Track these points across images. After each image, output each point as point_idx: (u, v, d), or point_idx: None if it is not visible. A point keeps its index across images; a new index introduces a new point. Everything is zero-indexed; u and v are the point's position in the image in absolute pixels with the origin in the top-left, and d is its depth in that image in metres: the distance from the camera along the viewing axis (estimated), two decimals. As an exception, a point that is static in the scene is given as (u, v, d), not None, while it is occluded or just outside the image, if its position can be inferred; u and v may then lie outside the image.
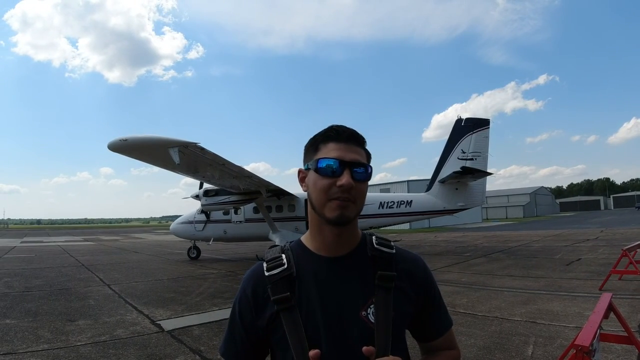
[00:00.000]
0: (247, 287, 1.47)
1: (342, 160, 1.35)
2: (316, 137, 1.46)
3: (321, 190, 1.37)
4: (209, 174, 14.73)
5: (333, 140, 1.40)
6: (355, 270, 1.43)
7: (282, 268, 1.42)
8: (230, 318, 1.53)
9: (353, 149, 1.40)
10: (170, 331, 7.06)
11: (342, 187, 1.33)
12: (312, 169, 1.41)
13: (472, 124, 20.27)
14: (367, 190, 1.43)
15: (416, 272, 1.50)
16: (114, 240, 43.58)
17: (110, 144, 11.57)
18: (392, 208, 19.92)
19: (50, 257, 22.39)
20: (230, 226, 20.07)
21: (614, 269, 9.74)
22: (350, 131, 1.43)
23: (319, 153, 1.41)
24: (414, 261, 1.53)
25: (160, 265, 18.09)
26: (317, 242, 1.47)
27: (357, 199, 1.37)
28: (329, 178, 1.35)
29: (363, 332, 1.34)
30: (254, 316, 1.44)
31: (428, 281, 1.53)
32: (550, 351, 5.36)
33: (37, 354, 5.85)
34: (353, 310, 1.37)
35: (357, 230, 1.51)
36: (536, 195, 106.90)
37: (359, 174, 1.36)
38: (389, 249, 1.47)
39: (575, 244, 20.83)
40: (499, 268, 13.61)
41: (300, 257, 1.46)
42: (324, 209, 1.37)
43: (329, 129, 1.43)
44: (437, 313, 1.56)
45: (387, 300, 1.38)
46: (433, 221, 47.19)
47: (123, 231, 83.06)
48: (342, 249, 1.45)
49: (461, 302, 8.58)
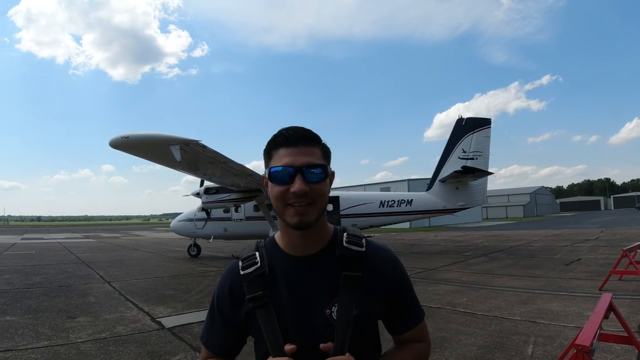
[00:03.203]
0: (224, 285, 1.55)
1: (292, 166, 1.36)
2: (268, 143, 1.46)
3: (277, 198, 1.39)
4: (210, 171, 14.75)
5: (283, 146, 1.40)
6: (322, 269, 1.46)
7: (255, 267, 1.48)
8: (209, 309, 1.62)
9: (305, 151, 1.39)
10: (170, 328, 7.06)
11: (295, 194, 1.34)
12: (267, 178, 1.43)
13: (473, 123, 20.25)
14: (328, 188, 1.45)
15: (385, 268, 1.52)
16: (115, 238, 43.58)
17: (111, 141, 11.59)
18: (393, 207, 19.93)
19: (51, 254, 22.41)
20: (230, 224, 20.07)
21: (614, 270, 9.74)
22: (300, 133, 1.42)
23: (272, 161, 1.42)
24: (383, 258, 1.54)
25: (160, 263, 18.10)
26: (286, 241, 1.51)
27: (317, 200, 1.39)
28: (284, 185, 1.37)
29: (327, 329, 1.38)
30: (232, 311, 1.52)
31: (397, 277, 1.54)
32: (550, 351, 5.36)
33: (37, 351, 5.86)
34: (319, 309, 1.41)
35: (326, 228, 1.54)
36: (536, 195, 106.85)
37: (315, 175, 1.38)
38: (358, 247, 1.49)
39: (575, 244, 20.82)
40: (499, 267, 13.60)
41: (272, 256, 1.51)
42: (284, 215, 1.41)
43: (277, 135, 1.43)
44: (407, 307, 1.58)
45: (350, 300, 1.41)
46: (433, 220, 47.11)
47: (123, 228, 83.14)
48: (309, 249, 1.48)
49: (461, 301, 8.58)
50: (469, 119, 20.51)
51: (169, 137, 11.54)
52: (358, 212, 19.81)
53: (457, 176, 19.23)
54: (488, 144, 20.21)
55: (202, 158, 13.15)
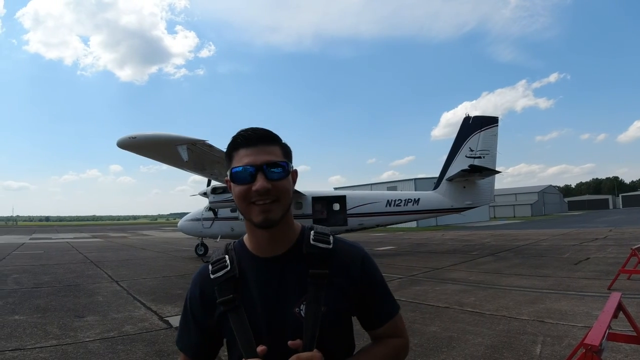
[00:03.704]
0: (195, 289, 1.56)
1: (253, 164, 1.38)
2: (228, 146, 1.48)
3: (239, 198, 1.41)
4: (217, 171, 14.81)
5: (242, 147, 1.42)
6: (290, 269, 1.47)
7: (225, 270, 1.48)
8: (183, 313, 1.62)
9: (264, 149, 1.41)
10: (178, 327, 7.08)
11: (257, 192, 1.36)
12: (229, 179, 1.44)
13: (481, 122, 20.14)
14: (291, 185, 1.46)
15: (352, 265, 1.52)
16: (122, 238, 43.88)
17: (119, 141, 11.66)
18: (400, 206, 19.88)
19: (59, 254, 22.59)
20: (237, 223, 20.09)
21: (623, 269, 9.64)
22: (258, 133, 1.44)
23: (232, 162, 1.44)
24: (351, 254, 1.54)
25: (168, 262, 18.18)
26: (253, 243, 1.52)
27: (280, 197, 1.40)
28: (245, 184, 1.38)
29: (296, 328, 1.39)
30: (205, 315, 1.52)
31: (366, 272, 1.54)
32: (559, 350, 5.32)
33: (46, 350, 5.90)
34: (289, 308, 1.43)
35: (293, 227, 1.55)
36: (544, 194, 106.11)
37: (276, 174, 1.39)
38: (326, 244, 1.49)
39: (584, 243, 20.68)
40: (507, 267, 13.54)
41: (241, 258, 1.52)
42: (249, 214, 1.42)
43: (236, 136, 1.45)
44: (378, 302, 1.58)
45: (317, 297, 1.42)
46: (440, 219, 47.02)
47: (131, 228, 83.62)
48: (276, 249, 1.49)
49: (468, 300, 8.54)
50: (476, 117, 20.39)
51: (176, 137, 11.59)
52: (365, 211, 19.77)
53: (465, 175, 19.15)
54: (495, 142, 20.09)
55: (209, 157, 13.21)
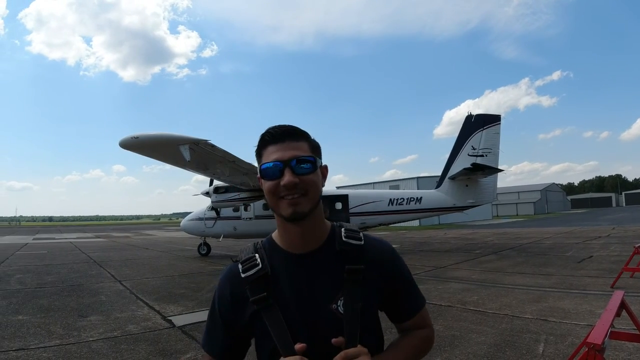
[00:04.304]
0: (225, 290, 1.55)
1: (280, 160, 1.40)
2: (257, 144, 1.51)
3: (269, 193, 1.43)
4: (219, 170, 14.80)
5: (270, 144, 1.45)
6: (324, 265, 1.48)
7: (257, 268, 1.48)
8: (210, 314, 1.62)
9: (291, 145, 1.43)
10: (181, 327, 7.11)
11: (285, 186, 1.38)
12: (260, 176, 1.46)
13: (483, 120, 20.09)
14: (320, 179, 1.48)
15: (384, 260, 1.55)
16: (125, 237, 43.97)
17: (121, 142, 11.67)
18: (402, 205, 19.86)
19: (62, 254, 22.66)
20: (240, 223, 20.14)
21: (626, 267, 9.63)
22: (284, 129, 1.46)
23: (262, 159, 1.47)
24: (382, 250, 1.58)
25: (171, 262, 18.23)
26: (284, 239, 1.52)
27: (308, 191, 1.42)
28: (274, 180, 1.41)
29: (334, 324, 1.40)
30: (235, 315, 1.52)
31: (396, 267, 1.58)
32: (562, 349, 5.32)
33: (49, 350, 5.93)
34: (325, 304, 1.43)
35: (324, 224, 1.56)
36: (547, 192, 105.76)
37: (303, 168, 1.41)
38: (357, 240, 1.52)
39: (587, 241, 20.62)
40: (510, 265, 13.52)
41: (272, 255, 1.52)
42: (278, 209, 1.44)
43: (264, 134, 1.48)
44: (407, 296, 1.62)
45: (355, 293, 1.44)
46: (443, 218, 46.96)
47: (134, 228, 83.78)
48: (309, 245, 1.50)
49: (471, 299, 8.54)
50: (479, 115, 20.33)
51: (178, 137, 11.60)
52: (367, 210, 19.76)
53: (467, 173, 19.11)
54: (498, 140, 20.04)
55: (211, 157, 13.21)
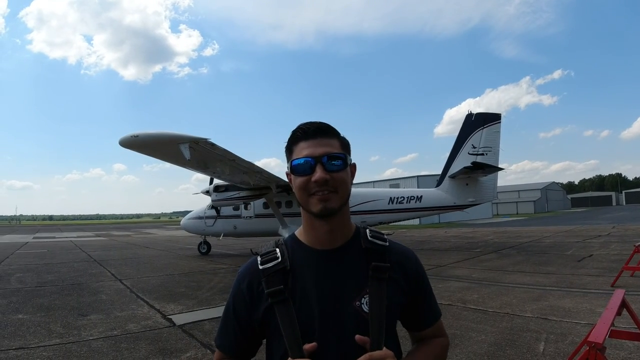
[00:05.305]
0: (242, 282, 1.53)
1: (312, 156, 1.41)
2: (288, 140, 1.52)
3: (300, 189, 1.44)
4: (219, 169, 14.78)
5: (302, 140, 1.47)
6: (349, 261, 1.48)
7: (276, 261, 1.48)
8: (225, 311, 1.59)
9: (323, 142, 1.45)
10: (181, 326, 7.11)
11: (317, 182, 1.39)
12: (290, 171, 1.47)
13: (483, 118, 20.05)
14: (349, 177, 1.49)
15: (408, 264, 1.55)
16: (126, 236, 43.96)
17: (121, 140, 11.65)
18: (402, 203, 19.83)
19: (63, 253, 22.67)
20: (240, 221, 20.15)
21: (627, 265, 9.63)
22: (316, 126, 1.48)
23: (293, 155, 1.48)
24: (406, 254, 1.58)
25: (171, 261, 18.25)
26: (311, 236, 1.52)
27: (339, 188, 1.43)
28: (305, 176, 1.42)
29: (357, 322, 1.39)
30: (249, 310, 1.50)
31: (419, 273, 1.58)
32: (562, 348, 5.32)
33: (49, 349, 5.93)
34: (347, 301, 1.42)
35: (350, 223, 1.56)
36: (547, 191, 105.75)
37: (334, 165, 1.42)
38: (383, 241, 1.52)
39: (587, 240, 20.63)
40: (510, 264, 13.52)
41: (294, 251, 1.52)
42: (308, 205, 1.44)
43: (296, 130, 1.49)
44: (427, 304, 1.62)
45: (380, 291, 1.42)
46: (443, 217, 47.02)
47: (134, 227, 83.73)
48: (335, 242, 1.50)
49: (472, 298, 8.54)
50: (479, 114, 20.29)
51: (178, 136, 11.58)
52: (367, 208, 19.72)
53: (467, 172, 19.07)
54: (498, 139, 20.00)
55: (211, 156, 13.19)
